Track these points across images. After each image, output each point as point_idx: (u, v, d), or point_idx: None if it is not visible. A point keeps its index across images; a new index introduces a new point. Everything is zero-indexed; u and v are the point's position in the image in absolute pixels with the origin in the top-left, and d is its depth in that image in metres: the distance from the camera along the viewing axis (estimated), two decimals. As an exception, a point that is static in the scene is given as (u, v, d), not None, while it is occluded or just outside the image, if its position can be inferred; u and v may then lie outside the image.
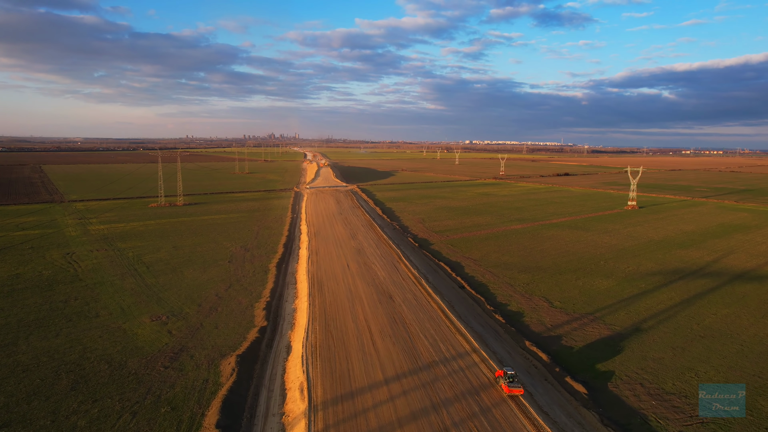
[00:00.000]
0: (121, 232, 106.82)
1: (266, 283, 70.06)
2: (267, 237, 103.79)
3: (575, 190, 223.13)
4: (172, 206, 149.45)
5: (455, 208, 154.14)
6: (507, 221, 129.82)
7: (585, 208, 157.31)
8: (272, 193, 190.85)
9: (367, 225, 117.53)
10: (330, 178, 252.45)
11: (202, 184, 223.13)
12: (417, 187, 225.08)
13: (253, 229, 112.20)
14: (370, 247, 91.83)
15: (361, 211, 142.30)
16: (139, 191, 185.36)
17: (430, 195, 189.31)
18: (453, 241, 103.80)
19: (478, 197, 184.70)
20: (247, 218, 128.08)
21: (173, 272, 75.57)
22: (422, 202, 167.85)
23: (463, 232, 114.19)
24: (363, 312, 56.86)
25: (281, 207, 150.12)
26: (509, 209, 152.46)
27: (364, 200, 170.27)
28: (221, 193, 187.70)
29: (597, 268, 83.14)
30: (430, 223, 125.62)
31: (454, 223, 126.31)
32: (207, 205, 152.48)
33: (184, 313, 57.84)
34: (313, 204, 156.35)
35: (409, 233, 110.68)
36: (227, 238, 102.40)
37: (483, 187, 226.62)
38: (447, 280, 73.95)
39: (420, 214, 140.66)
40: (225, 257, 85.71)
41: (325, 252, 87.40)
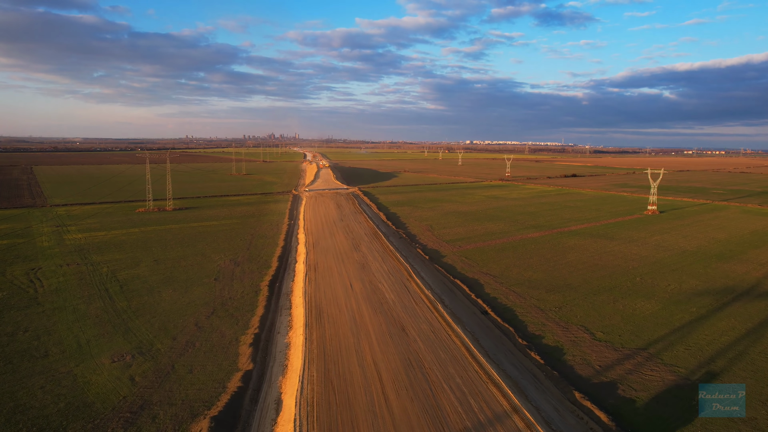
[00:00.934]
0: (99, 242, 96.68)
1: (256, 308, 59.93)
2: (260, 248, 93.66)
3: (587, 192, 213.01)
4: (160, 211, 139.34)
5: (464, 213, 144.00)
6: (522, 228, 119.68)
7: (602, 213, 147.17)
8: (269, 196, 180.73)
9: (371, 234, 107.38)
10: (330, 180, 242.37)
11: (196, 186, 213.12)
12: (421, 189, 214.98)
13: (246, 239, 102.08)
14: (375, 261, 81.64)
15: (363, 216, 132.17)
16: (129, 194, 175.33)
17: (436, 198, 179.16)
18: (467, 252, 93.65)
19: (486, 201, 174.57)
20: (240, 225, 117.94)
21: (150, 293, 65.43)
22: (428, 206, 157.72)
23: (476, 241, 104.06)
24: (371, 350, 46.72)
25: (278, 212, 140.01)
26: (522, 214, 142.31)
27: (367, 204, 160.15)
28: (215, 196, 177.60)
29: (634, 285, 73.01)
30: (439, 230, 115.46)
31: (465, 230, 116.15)
32: (198, 210, 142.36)
33: (154, 350, 47.70)
34: (312, 209, 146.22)
35: (417, 243, 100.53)
36: (216, 249, 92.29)
37: (490, 190, 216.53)
38: (466, 302, 63.81)
39: (427, 220, 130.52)
40: (211, 273, 75.57)
41: (324, 267, 77.25)
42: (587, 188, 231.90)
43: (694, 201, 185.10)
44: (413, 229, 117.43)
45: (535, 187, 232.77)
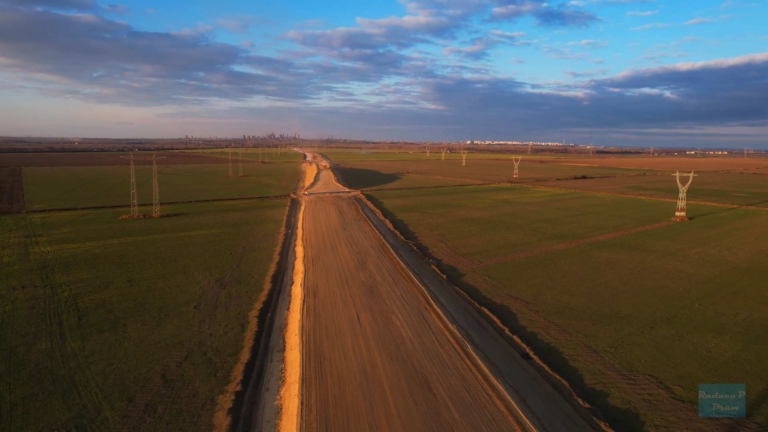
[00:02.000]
0: (69, 256, 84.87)
1: (241, 351, 48.15)
2: (252, 264, 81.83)
3: (602, 196, 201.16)
4: (146, 218, 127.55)
5: (477, 220, 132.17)
6: (544, 239, 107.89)
7: (627, 220, 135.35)
8: (266, 200, 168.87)
9: (378, 246, 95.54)
10: (331, 183, 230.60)
11: (188, 189, 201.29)
12: (427, 192, 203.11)
13: (237, 252, 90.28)
14: (385, 282, 69.76)
15: (368, 225, 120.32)
16: (117, 198, 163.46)
17: (445, 203, 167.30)
18: (488, 269, 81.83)
19: (499, 206, 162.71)
20: (231, 235, 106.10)
21: (113, 328, 53.63)
22: (437, 212, 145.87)
23: (496, 254, 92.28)
24: (389, 424, 34.90)
25: (274, 219, 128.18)
26: (540, 222, 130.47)
27: (371, 210, 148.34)
28: (208, 200, 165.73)
29: (694, 314, 61.21)
30: (453, 241, 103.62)
31: (481, 241, 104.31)
32: (188, 217, 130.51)
33: (99, 422, 35.89)
34: (312, 215, 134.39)
35: (430, 258, 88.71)
36: (202, 265, 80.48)
37: (500, 193, 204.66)
38: (499, 340, 52.02)
39: (438, 228, 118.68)
40: (192, 299, 63.77)
41: (326, 292, 65.40)
42: (601, 191, 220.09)
43: (719, 205, 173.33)
44: (424, 239, 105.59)
45: (546, 190, 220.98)
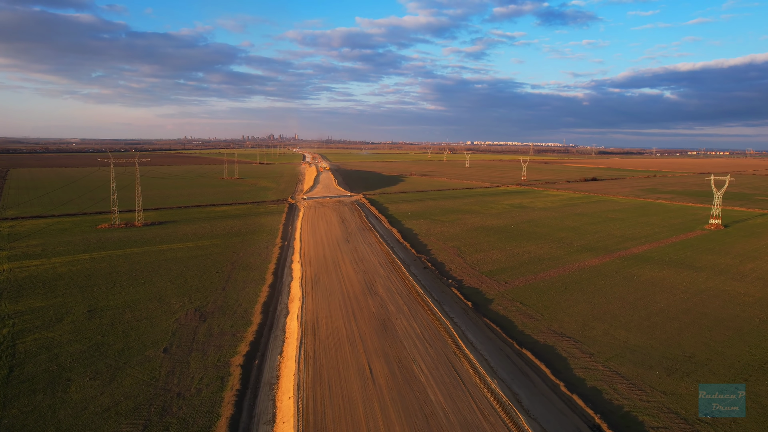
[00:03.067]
0: (27, 276, 72.56)
1: (216, 423, 35.89)
2: (241, 287, 69.55)
3: (619, 200, 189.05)
4: (127, 227, 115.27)
5: (493, 228, 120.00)
6: (573, 251, 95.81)
7: (657, 229, 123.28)
8: (261, 206, 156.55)
9: (387, 262, 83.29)
10: (331, 186, 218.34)
11: (179, 193, 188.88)
12: (434, 196, 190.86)
13: (224, 270, 78.02)
14: (400, 314, 57.46)
15: (373, 235, 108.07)
16: (101, 203, 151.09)
17: (455, 209, 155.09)
18: (518, 292, 69.65)
19: (513, 212, 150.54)
20: (220, 249, 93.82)
21: (50, 386, 41.39)
22: (448, 219, 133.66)
23: (522, 272, 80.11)
24: None
25: (269, 229, 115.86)
26: (563, 230, 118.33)
27: (375, 217, 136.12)
28: (198, 206, 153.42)
29: (787, 357, 49.10)
30: (471, 255, 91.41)
31: (503, 255, 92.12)
32: (174, 226, 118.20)
33: None
34: (311, 224, 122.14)
35: (449, 277, 76.46)
36: (181, 288, 68.23)
37: (511, 197, 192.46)
38: (555, 401, 39.82)
39: (452, 239, 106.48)
40: (163, 336, 51.53)
41: (328, 328, 53.12)
42: (617, 195, 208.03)
43: (748, 211, 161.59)
44: (438, 253, 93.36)
45: (559, 194, 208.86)
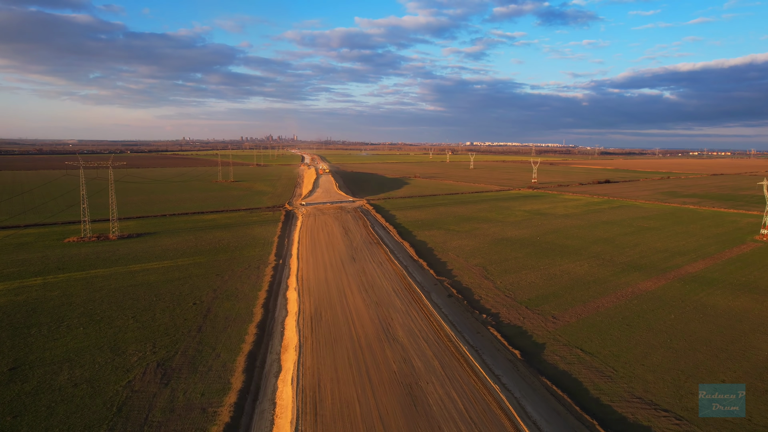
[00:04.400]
0: (-46, 312, 57.76)
1: None
2: (221, 329, 54.82)
3: (643, 205, 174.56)
4: (99, 240, 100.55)
5: (517, 241, 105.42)
6: (617, 270, 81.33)
7: (702, 241, 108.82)
8: (255, 213, 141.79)
9: (403, 289, 68.54)
10: (332, 190, 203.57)
11: (166, 198, 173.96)
12: (444, 201, 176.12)
13: (204, 302, 63.31)
14: (431, 375, 42.61)
15: (382, 250, 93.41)
16: (77, 211, 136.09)
17: (469, 216, 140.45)
18: (572, 331, 55.03)
19: (534, 219, 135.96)
20: (203, 269, 79.05)
21: None
22: (464, 229, 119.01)
23: (569, 300, 65.52)
24: None
25: (262, 243, 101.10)
26: (597, 243, 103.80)
27: (382, 226, 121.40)
28: (186, 214, 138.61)
29: None
30: (501, 277, 76.73)
31: (538, 277, 77.47)
32: (154, 239, 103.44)
33: None
34: (311, 236, 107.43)
35: (481, 309, 61.74)
36: (144, 330, 53.52)
37: (527, 202, 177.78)
38: None
39: (474, 254, 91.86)
40: (101, 418, 36.79)
41: (334, 404, 38.30)
42: (639, 199, 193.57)
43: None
44: (461, 273, 78.67)
45: (576, 198, 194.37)
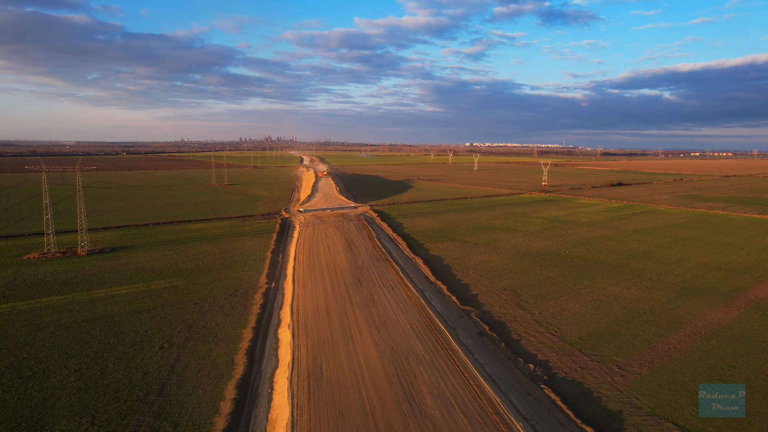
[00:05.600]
0: None
1: None
2: (190, 390, 41.47)
3: (669, 210, 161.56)
4: (66, 256, 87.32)
5: (545, 255, 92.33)
6: (673, 295, 68.25)
7: (754, 254, 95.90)
8: (248, 222, 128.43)
9: (424, 326, 55.25)
10: (332, 194, 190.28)
11: (153, 204, 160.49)
12: (453, 207, 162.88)
13: (174, 344, 49.99)
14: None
15: (392, 270, 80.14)
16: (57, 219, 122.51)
17: (484, 224, 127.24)
18: (650, 391, 41.85)
19: (556, 228, 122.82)
20: (178, 298, 65.70)
21: None
22: (482, 241, 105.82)
23: (631, 341, 52.42)
24: None
25: (252, 259, 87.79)
26: (635, 257, 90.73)
27: (390, 238, 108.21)
28: (171, 222, 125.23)
29: None
30: (538, 305, 63.51)
31: (582, 304, 64.28)
32: (129, 254, 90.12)
33: None
34: (309, 251, 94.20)
35: (526, 358, 48.49)
36: (87, 392, 40.21)
37: (542, 207, 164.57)
38: None
39: (499, 274, 78.64)
40: None
41: None
42: (660, 203, 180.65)
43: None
44: (489, 300, 65.43)
45: (594, 203, 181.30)
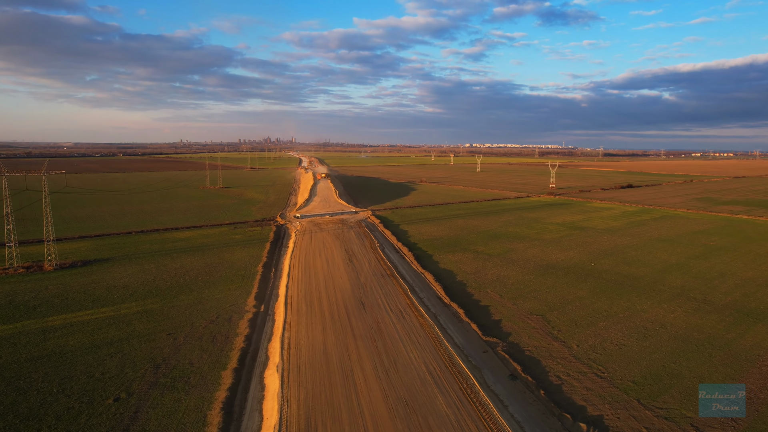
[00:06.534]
0: None
1: None
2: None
3: (689, 215, 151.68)
4: (30, 272, 77.41)
5: (569, 269, 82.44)
6: (730, 321, 58.48)
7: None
8: (239, 229, 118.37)
9: (443, 367, 45.26)
10: (331, 198, 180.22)
11: (141, 209, 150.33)
12: (460, 212, 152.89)
13: (132, 396, 39.97)
14: None
15: (401, 289, 70.15)
16: (34, 227, 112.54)
17: (496, 231, 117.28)
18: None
19: (574, 236, 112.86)
20: (149, 327, 55.64)
21: None
22: (496, 252, 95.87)
23: (696, 386, 42.49)
24: None
25: (241, 275, 77.75)
26: (670, 271, 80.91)
27: (394, 248, 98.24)
28: (157, 230, 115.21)
29: None
30: (574, 335, 53.54)
31: (625, 334, 54.35)
32: (104, 268, 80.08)
33: None
34: (304, 266, 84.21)
35: (573, 410, 38.55)
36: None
37: (555, 212, 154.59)
38: None
39: (522, 293, 68.66)
40: None
41: None
42: (678, 207, 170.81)
43: None
44: (515, 328, 55.45)
45: (607, 206, 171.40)
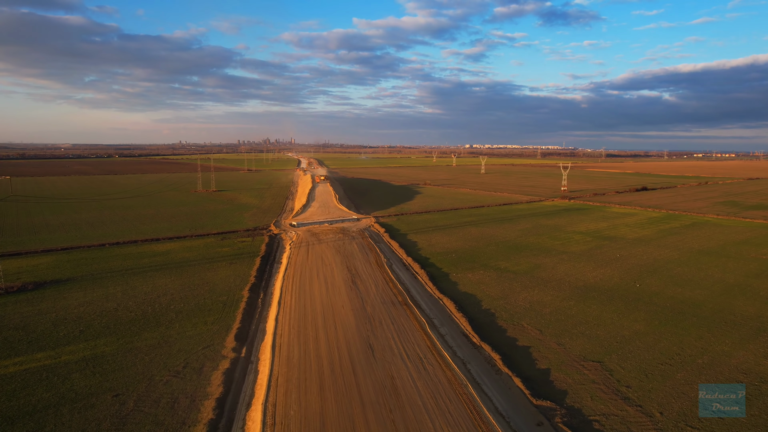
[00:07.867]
0: None
1: None
2: None
3: (720, 222, 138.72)
4: (-31, 301, 64.06)
5: (613, 292, 69.39)
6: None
7: None
8: (228, 240, 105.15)
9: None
10: (330, 203, 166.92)
11: (121, 216, 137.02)
12: (471, 219, 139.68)
13: None
14: None
15: (417, 325, 57.08)
16: (11, 238, 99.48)
17: (516, 243, 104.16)
18: None
19: (604, 248, 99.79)
20: (91, 384, 42.41)
21: None
22: (522, 269, 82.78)
23: None
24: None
25: (221, 303, 64.49)
26: (733, 294, 67.86)
27: (404, 264, 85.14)
28: (134, 242, 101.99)
29: None
30: (646, 394, 40.34)
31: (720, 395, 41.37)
32: (59, 292, 66.82)
33: None
34: (299, 291, 71.03)
35: None
36: None
37: (573, 218, 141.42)
38: None
39: (565, 326, 55.65)
40: None
41: None
42: (706, 213, 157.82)
43: None
44: (571, 384, 42.43)
45: (628, 211, 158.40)
